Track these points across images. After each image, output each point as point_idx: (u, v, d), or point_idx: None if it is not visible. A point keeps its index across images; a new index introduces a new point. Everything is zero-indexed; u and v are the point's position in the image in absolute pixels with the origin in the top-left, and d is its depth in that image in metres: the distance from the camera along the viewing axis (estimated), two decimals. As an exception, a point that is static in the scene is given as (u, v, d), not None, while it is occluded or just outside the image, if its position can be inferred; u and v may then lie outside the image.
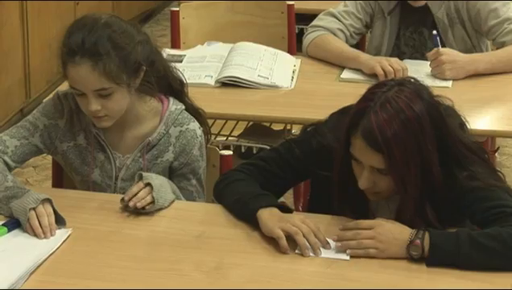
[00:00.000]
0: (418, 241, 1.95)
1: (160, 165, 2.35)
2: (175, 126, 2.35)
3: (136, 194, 2.18)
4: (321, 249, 2.00)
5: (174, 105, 2.36)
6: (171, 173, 2.38)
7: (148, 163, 2.35)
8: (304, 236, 1.99)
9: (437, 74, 2.95)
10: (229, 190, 2.19)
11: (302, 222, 2.02)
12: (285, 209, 2.10)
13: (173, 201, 2.25)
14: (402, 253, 1.97)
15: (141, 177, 2.20)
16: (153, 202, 2.17)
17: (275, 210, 2.07)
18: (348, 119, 2.03)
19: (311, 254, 1.99)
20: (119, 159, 2.35)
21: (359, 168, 2.05)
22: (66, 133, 2.35)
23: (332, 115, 2.22)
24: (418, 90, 2.02)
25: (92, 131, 2.33)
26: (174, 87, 2.40)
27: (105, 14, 2.28)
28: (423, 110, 1.98)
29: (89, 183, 2.37)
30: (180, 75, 2.44)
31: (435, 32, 3.05)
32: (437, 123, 2.00)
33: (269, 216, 2.06)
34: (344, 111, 2.16)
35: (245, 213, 2.11)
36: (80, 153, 2.36)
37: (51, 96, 2.43)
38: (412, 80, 2.07)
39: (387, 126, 1.95)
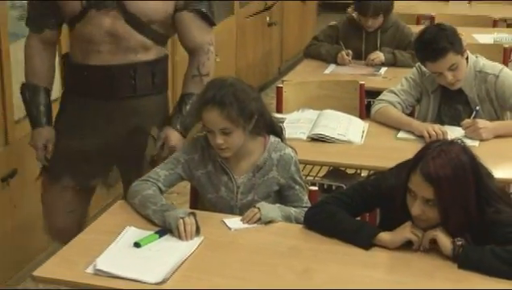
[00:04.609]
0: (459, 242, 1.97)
1: (267, 181, 2.34)
2: (275, 152, 2.34)
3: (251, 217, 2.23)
4: None
5: (273, 138, 2.37)
6: (282, 188, 2.36)
7: (258, 179, 2.34)
8: None
9: (474, 136, 2.90)
10: (331, 222, 2.14)
11: None
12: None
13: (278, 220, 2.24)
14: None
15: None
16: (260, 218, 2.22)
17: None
18: (410, 163, 2.02)
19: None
20: (237, 179, 2.35)
21: (412, 200, 2.01)
22: (200, 163, 2.37)
23: (393, 167, 2.19)
24: (463, 148, 2.01)
25: (218, 160, 2.34)
26: (276, 131, 2.41)
27: (230, 77, 2.34)
28: (468, 162, 1.96)
29: (218, 198, 2.37)
30: (282, 126, 2.45)
31: (478, 108, 3.03)
32: (476, 172, 1.98)
33: None
34: (401, 164, 2.14)
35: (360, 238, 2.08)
36: (210, 177, 2.36)
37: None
38: (459, 141, 2.06)
39: (441, 169, 1.93)
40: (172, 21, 2.60)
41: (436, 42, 2.94)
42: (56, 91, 2.89)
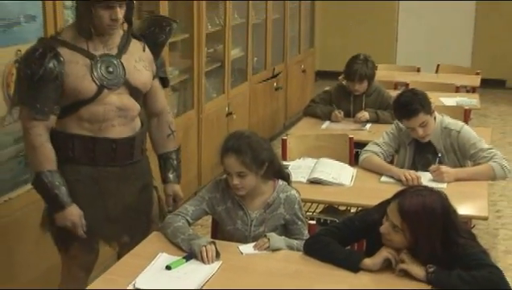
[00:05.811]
0: (430, 269, 1.94)
1: (275, 216, 2.32)
2: (283, 193, 2.33)
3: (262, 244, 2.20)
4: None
5: (281, 182, 2.36)
6: (287, 222, 2.33)
7: (268, 215, 2.32)
8: None
9: (438, 179, 2.89)
10: (326, 251, 2.11)
11: None
12: None
13: (283, 249, 2.21)
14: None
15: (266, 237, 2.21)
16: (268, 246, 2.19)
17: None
18: (391, 198, 2.02)
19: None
20: (251, 214, 2.33)
21: (385, 221, 2.01)
22: (221, 201, 2.35)
23: (376, 205, 2.17)
24: (440, 197, 2.00)
25: (236, 198, 2.33)
26: (283, 176, 2.39)
27: (247, 130, 2.35)
28: (440, 207, 1.95)
29: (235, 230, 2.35)
30: (288, 172, 2.44)
31: (440, 155, 3.03)
32: (446, 217, 1.96)
33: None
34: (382, 202, 2.12)
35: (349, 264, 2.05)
36: (228, 212, 2.34)
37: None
38: (441, 191, 2.05)
39: (413, 207, 1.93)
40: None
41: (410, 104, 2.98)
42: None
